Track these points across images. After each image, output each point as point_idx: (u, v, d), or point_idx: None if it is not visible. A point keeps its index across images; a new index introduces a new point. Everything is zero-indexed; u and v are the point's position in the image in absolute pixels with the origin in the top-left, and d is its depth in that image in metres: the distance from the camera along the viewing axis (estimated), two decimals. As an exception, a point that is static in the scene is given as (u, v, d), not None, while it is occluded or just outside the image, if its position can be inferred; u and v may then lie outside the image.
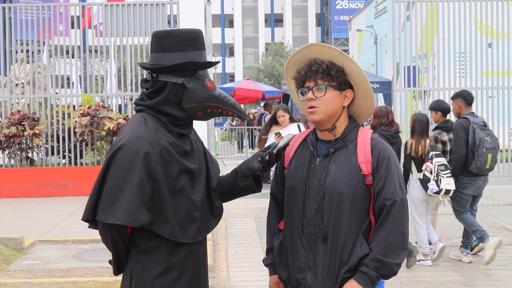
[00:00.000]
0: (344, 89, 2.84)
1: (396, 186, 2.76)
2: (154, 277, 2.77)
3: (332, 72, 2.81)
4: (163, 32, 2.88)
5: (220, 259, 7.76)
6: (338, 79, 2.82)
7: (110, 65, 15.87)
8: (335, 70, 2.81)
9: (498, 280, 6.81)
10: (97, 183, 2.74)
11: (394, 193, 2.75)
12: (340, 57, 2.83)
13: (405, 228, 2.77)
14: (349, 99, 2.85)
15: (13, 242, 7.95)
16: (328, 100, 2.81)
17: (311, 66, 2.84)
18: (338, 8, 63.56)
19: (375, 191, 2.77)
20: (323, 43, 2.85)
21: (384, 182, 2.76)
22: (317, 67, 2.83)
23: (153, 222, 2.72)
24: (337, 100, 2.83)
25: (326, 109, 2.81)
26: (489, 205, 11.98)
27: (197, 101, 2.86)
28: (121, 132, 2.82)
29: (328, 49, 2.84)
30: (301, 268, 2.83)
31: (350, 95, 2.86)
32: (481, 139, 7.38)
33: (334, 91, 2.82)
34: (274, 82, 55.21)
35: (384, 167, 2.77)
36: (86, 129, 13.31)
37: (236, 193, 3.05)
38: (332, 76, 2.81)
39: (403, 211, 2.77)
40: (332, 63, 2.83)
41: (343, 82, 2.83)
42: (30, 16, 14.86)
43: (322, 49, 2.85)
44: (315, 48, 2.87)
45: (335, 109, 2.83)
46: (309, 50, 2.88)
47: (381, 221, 2.75)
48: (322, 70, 2.81)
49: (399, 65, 15.49)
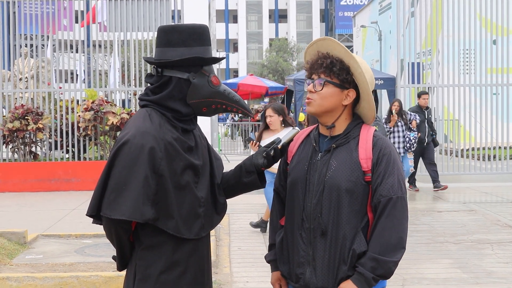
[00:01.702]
0: (347, 88, 2.83)
1: (394, 183, 2.74)
2: (158, 273, 2.76)
3: (334, 69, 2.80)
4: (168, 26, 2.87)
5: (223, 254, 7.76)
6: (339, 76, 2.80)
7: (114, 60, 15.85)
8: (339, 67, 2.80)
9: (501, 278, 6.80)
10: (102, 178, 2.73)
11: (391, 191, 2.73)
12: (346, 56, 2.82)
13: (402, 226, 2.74)
14: (350, 99, 2.83)
15: (16, 237, 7.96)
16: (325, 95, 2.81)
17: (318, 59, 2.85)
18: (342, 4, 63.45)
19: (373, 187, 2.76)
20: (335, 40, 2.85)
21: (382, 178, 2.74)
22: (322, 61, 2.83)
23: (157, 217, 2.71)
24: (336, 97, 2.82)
25: (322, 103, 2.82)
26: (493, 202, 11.97)
27: (202, 96, 2.85)
28: (125, 127, 2.81)
29: (337, 45, 2.83)
30: (300, 263, 2.83)
31: (352, 95, 2.84)
32: None
33: (333, 88, 2.81)
34: (278, 77, 55.16)
35: (384, 164, 2.76)
36: (89, 123, 13.32)
37: (240, 189, 3.03)
38: (334, 72, 2.80)
39: (400, 208, 2.74)
40: (340, 60, 2.82)
41: (346, 80, 2.81)
42: (34, 10, 14.86)
43: (333, 44, 2.85)
44: (327, 42, 2.87)
45: (332, 105, 2.82)
46: (322, 43, 2.88)
47: (377, 217, 2.74)
48: (326, 65, 2.81)
49: (403, 61, 15.47)
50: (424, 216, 10.36)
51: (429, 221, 9.97)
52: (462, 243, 8.39)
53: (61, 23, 15.02)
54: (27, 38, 15.42)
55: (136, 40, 14.73)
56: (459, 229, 9.33)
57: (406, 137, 12.16)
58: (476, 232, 9.11)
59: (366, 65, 2.88)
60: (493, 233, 9.02)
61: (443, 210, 10.93)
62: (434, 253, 7.90)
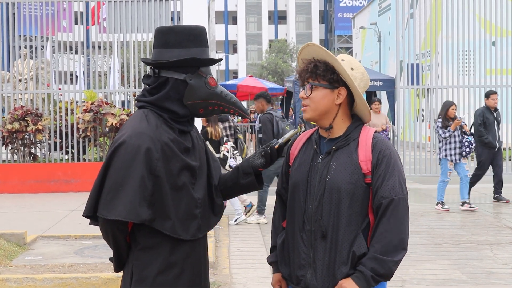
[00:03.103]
0: (336, 87, 2.84)
1: (395, 184, 2.75)
2: (154, 275, 2.76)
3: (318, 71, 2.83)
4: (166, 28, 2.88)
5: (222, 255, 7.76)
6: (325, 77, 2.82)
7: (113, 61, 15.86)
8: (323, 69, 2.82)
9: (500, 279, 6.81)
10: (98, 179, 2.73)
11: (392, 192, 2.74)
12: (328, 57, 2.84)
13: (403, 227, 2.75)
14: (342, 97, 2.84)
15: (15, 238, 7.96)
16: (316, 99, 2.83)
17: (304, 66, 2.89)
18: (341, 5, 63.52)
19: (374, 189, 2.77)
20: (316, 43, 2.88)
21: (382, 180, 2.75)
22: (307, 67, 2.87)
23: (154, 218, 2.71)
24: (327, 98, 2.83)
25: (315, 107, 2.84)
26: (492, 204, 11.96)
27: (199, 98, 2.85)
28: (122, 128, 2.81)
29: (319, 48, 2.86)
30: (301, 265, 2.84)
31: (343, 93, 2.84)
32: (283, 128, 9.73)
33: (323, 90, 2.83)
34: (277, 79, 55.15)
35: (384, 165, 2.77)
36: (89, 125, 13.33)
37: (238, 190, 3.04)
38: (319, 74, 2.83)
39: (402, 209, 2.75)
40: (323, 61, 2.84)
41: (332, 80, 2.83)
42: (33, 11, 14.87)
43: (314, 48, 2.88)
44: (310, 48, 2.90)
45: (325, 107, 2.83)
46: (307, 50, 2.92)
47: (378, 219, 2.74)
48: (310, 69, 2.85)
49: (403, 62, 15.48)
50: (423, 217, 10.36)
51: (428, 222, 9.98)
52: (461, 244, 8.40)
53: (60, 24, 15.02)
54: (27, 39, 15.42)
55: (136, 42, 14.74)
56: (458, 230, 9.33)
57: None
58: (476, 233, 9.11)
59: (355, 62, 2.89)
60: (492, 235, 9.02)
61: (442, 211, 10.93)
62: (433, 254, 7.91)
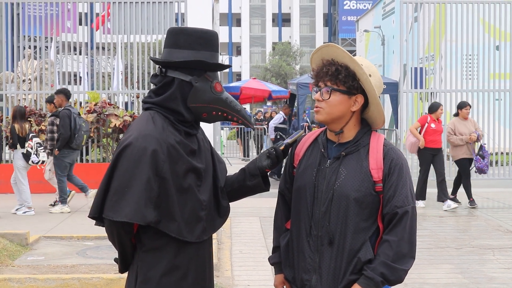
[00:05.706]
0: (354, 94, 2.80)
1: (407, 194, 2.75)
2: (159, 276, 2.76)
3: (340, 76, 2.78)
4: (177, 28, 2.89)
5: (224, 258, 7.76)
6: (346, 83, 2.78)
7: (117, 63, 15.89)
8: (344, 74, 2.78)
9: (502, 283, 6.80)
10: (104, 181, 2.73)
11: (406, 201, 2.74)
12: (351, 62, 2.79)
13: (414, 237, 2.76)
14: (359, 104, 2.81)
15: (18, 238, 7.97)
16: (333, 103, 2.79)
17: (323, 67, 2.83)
18: (345, 8, 63.54)
19: (385, 198, 2.75)
20: (339, 46, 2.84)
21: (395, 189, 2.74)
22: (327, 69, 2.81)
23: (159, 220, 2.72)
24: (344, 105, 2.80)
25: (330, 111, 2.80)
26: (494, 208, 11.97)
27: (203, 101, 2.86)
28: (128, 130, 2.82)
29: (341, 52, 2.81)
30: (306, 269, 2.83)
31: (360, 100, 2.81)
32: (80, 124, 10.73)
33: (341, 95, 2.79)
34: (281, 81, 55.17)
35: (396, 174, 2.76)
36: (92, 126, 13.33)
37: (244, 192, 3.04)
38: (340, 80, 2.78)
39: (414, 219, 2.76)
40: (345, 66, 2.79)
41: (352, 87, 2.79)
42: (38, 12, 14.90)
43: (337, 51, 2.82)
44: (331, 49, 2.84)
45: (341, 113, 2.80)
46: (326, 50, 2.86)
47: (391, 228, 2.73)
48: (331, 73, 2.79)
49: (406, 66, 15.47)
50: (426, 221, 10.35)
51: (430, 226, 9.97)
52: (463, 249, 8.39)
53: (64, 25, 15.05)
54: (31, 40, 15.47)
55: (140, 43, 14.77)
56: (460, 235, 9.33)
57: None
58: (478, 237, 9.10)
59: (373, 68, 2.85)
60: (494, 239, 9.01)
61: (444, 215, 10.93)
62: (435, 258, 7.90)
